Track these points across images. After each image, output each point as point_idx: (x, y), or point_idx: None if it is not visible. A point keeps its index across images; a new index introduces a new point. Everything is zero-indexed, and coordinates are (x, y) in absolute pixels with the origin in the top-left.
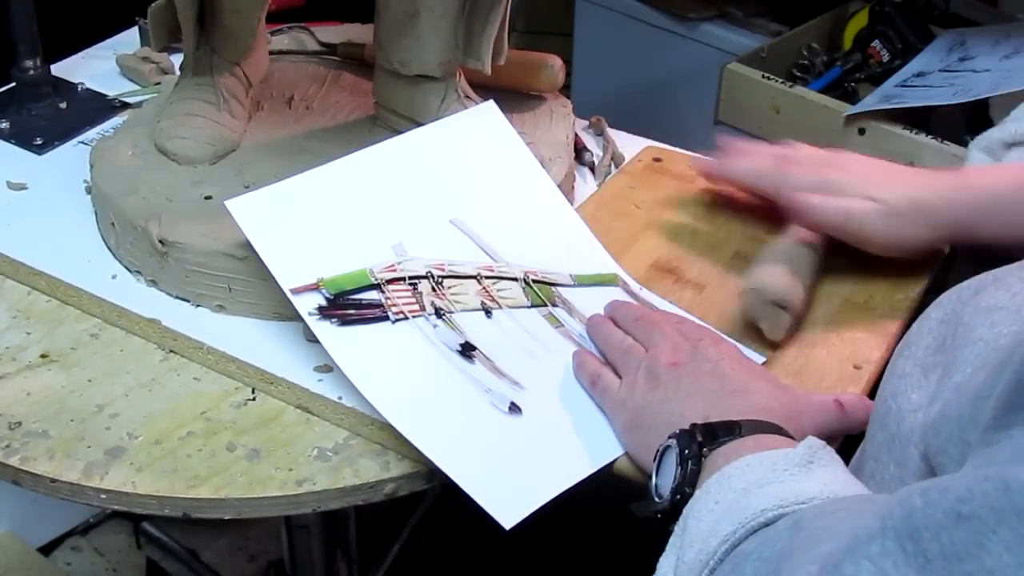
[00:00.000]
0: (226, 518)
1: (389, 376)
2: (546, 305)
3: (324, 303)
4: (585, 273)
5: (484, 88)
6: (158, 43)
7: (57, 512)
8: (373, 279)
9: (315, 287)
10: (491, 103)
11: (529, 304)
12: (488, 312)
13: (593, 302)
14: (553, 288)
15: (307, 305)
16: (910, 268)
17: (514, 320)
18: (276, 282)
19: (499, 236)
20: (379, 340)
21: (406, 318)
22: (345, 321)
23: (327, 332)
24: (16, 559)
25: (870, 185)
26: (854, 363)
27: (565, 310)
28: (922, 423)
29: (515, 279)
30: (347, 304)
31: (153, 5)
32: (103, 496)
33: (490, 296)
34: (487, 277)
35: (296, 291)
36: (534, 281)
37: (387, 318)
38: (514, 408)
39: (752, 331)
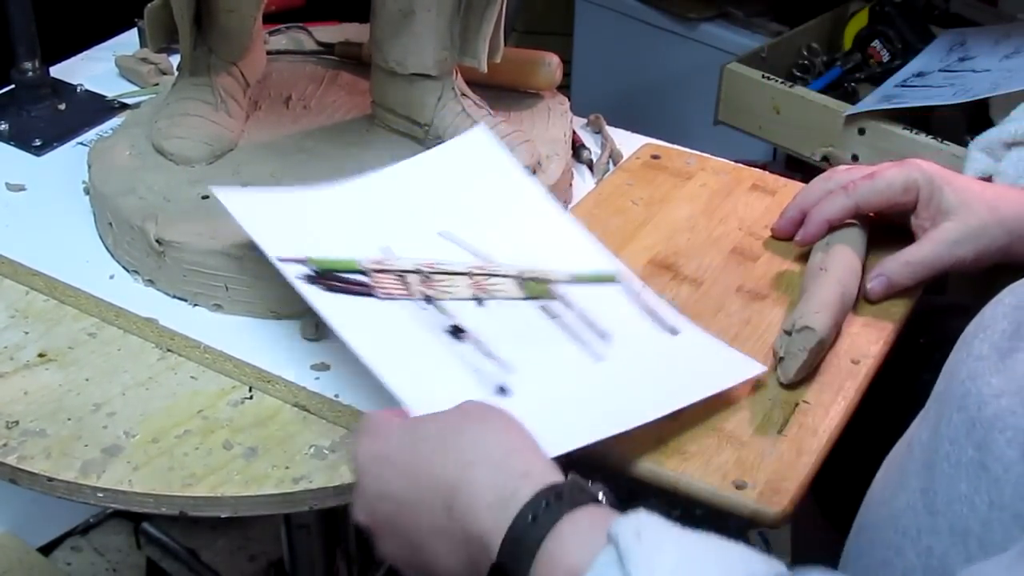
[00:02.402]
0: (223, 516)
1: (379, 339)
2: (541, 298)
3: (311, 275)
4: (585, 273)
5: (482, 86)
6: (155, 43)
7: (57, 512)
8: (360, 267)
9: (302, 260)
10: (481, 127)
11: (524, 296)
12: (480, 301)
13: (593, 298)
14: (550, 284)
15: (294, 272)
16: None
17: (507, 309)
18: (263, 252)
19: (493, 244)
20: (368, 310)
21: (394, 299)
22: (332, 289)
23: (316, 295)
24: (16, 559)
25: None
26: (852, 357)
27: (562, 304)
28: (1009, 412)
29: (509, 276)
30: (333, 279)
31: (149, 5)
32: (100, 495)
33: (482, 288)
34: (479, 274)
35: (283, 259)
36: (530, 278)
37: (374, 296)
38: (502, 390)
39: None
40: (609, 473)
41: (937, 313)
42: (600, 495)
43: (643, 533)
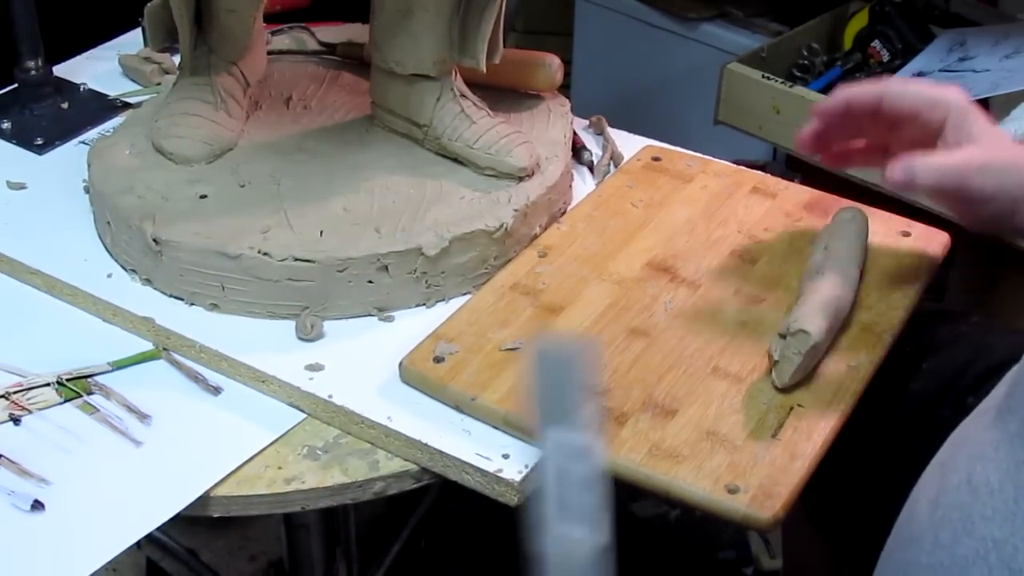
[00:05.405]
0: (215, 515)
1: None
2: (80, 396)
3: None
4: (125, 357)
5: (482, 87)
6: (156, 43)
7: None
8: None
9: None
10: None
11: (62, 400)
12: (17, 421)
13: (135, 381)
14: (89, 379)
15: None
16: (907, 267)
17: (45, 420)
18: None
19: (27, 356)
20: None
21: None
22: None
23: None
24: None
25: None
26: (848, 362)
27: (102, 395)
28: None
29: (47, 384)
30: None
31: (149, 5)
32: None
33: (19, 406)
34: (16, 391)
35: None
36: (68, 379)
37: None
38: (37, 505)
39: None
40: (612, 474)
41: (924, 319)
42: None
43: None
